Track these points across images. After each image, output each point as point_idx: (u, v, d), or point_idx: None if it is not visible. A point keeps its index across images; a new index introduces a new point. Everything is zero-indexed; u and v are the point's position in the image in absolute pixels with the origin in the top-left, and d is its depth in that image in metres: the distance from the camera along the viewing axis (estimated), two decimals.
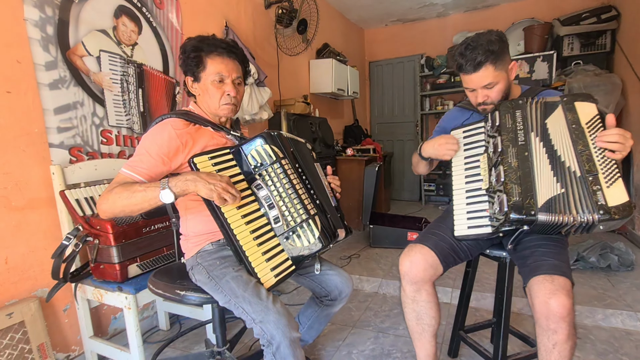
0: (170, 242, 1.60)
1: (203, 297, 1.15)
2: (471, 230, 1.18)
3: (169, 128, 1.13)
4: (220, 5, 2.49)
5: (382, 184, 3.88)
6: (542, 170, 1.06)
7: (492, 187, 1.12)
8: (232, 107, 1.23)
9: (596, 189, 1.00)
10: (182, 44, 1.21)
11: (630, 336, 1.78)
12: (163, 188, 0.99)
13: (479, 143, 1.23)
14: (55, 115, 1.54)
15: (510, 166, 1.08)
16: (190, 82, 1.23)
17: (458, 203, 1.23)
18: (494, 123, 1.16)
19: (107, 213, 1.06)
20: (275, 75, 3.03)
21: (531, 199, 1.03)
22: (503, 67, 1.19)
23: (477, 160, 1.21)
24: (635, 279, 2.24)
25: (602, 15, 3.39)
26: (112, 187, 1.05)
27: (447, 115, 1.49)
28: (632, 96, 3.03)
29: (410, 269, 1.22)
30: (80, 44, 1.64)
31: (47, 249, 1.52)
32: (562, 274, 1.04)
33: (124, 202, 1.02)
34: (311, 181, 1.21)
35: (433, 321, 1.26)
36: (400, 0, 4.05)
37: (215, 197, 0.99)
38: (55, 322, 1.57)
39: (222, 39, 1.22)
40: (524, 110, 1.14)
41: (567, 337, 1.01)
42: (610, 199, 0.99)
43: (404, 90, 4.96)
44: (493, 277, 2.23)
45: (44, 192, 1.51)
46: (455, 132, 1.31)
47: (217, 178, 1.01)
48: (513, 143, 1.10)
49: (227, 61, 1.19)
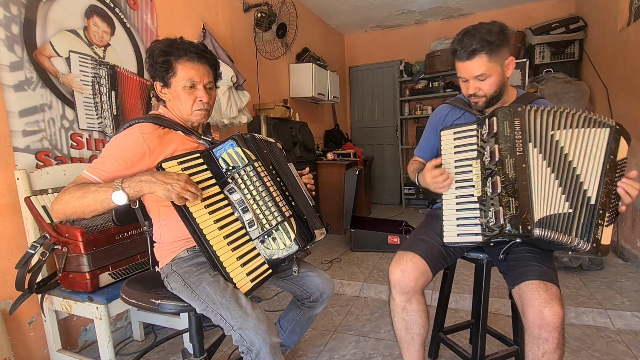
0: (144, 249, 1.55)
1: (179, 305, 1.11)
2: (461, 237, 1.14)
3: (136, 132, 1.09)
4: (197, 8, 2.45)
5: (362, 188, 3.90)
6: (542, 183, 1.03)
7: (487, 196, 1.08)
8: (205, 112, 1.20)
9: (599, 222, 1.02)
10: (149, 47, 1.17)
11: (600, 333, 1.84)
12: (115, 189, 0.96)
13: (471, 147, 1.16)
14: (20, 118, 1.47)
15: (508, 177, 1.04)
16: (160, 88, 1.19)
17: (448, 209, 1.18)
18: (491, 129, 1.09)
19: (59, 214, 1.01)
20: (255, 79, 3.00)
21: (528, 214, 1.01)
22: (498, 60, 1.15)
23: (469, 165, 1.15)
24: (605, 277, 2.33)
25: (571, 25, 3.55)
26: (68, 188, 1.01)
27: (436, 112, 1.44)
28: (599, 103, 3.17)
29: (402, 278, 1.17)
30: (48, 44, 1.57)
31: (10, 258, 1.44)
32: (553, 282, 1.04)
33: (75, 203, 0.98)
34: (286, 183, 1.19)
35: (422, 330, 1.23)
36: (379, 7, 4.12)
37: (174, 197, 0.96)
38: (20, 335, 1.48)
39: (192, 42, 1.18)
40: (522, 118, 1.07)
41: (557, 346, 1.01)
42: (604, 237, 1.03)
43: (384, 96, 5.03)
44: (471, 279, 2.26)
45: (8, 198, 1.43)
46: (445, 132, 1.23)
47: (174, 177, 0.98)
48: (511, 153, 1.05)
49: (197, 66, 1.15)
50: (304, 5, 3.88)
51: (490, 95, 1.20)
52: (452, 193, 1.17)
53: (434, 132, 1.39)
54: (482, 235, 1.09)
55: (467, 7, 4.22)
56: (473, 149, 1.15)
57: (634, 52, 2.51)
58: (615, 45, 2.84)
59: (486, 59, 1.14)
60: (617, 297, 2.07)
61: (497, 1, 4.09)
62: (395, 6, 4.11)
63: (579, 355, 1.66)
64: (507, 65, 1.19)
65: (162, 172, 1.00)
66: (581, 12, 3.67)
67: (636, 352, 1.67)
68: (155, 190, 0.96)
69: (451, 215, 1.17)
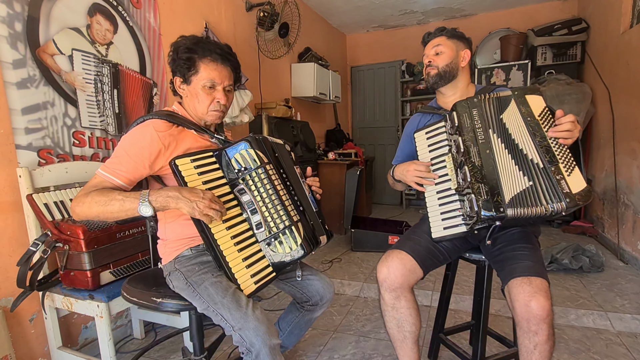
0: (145, 247, 1.55)
1: (181, 304, 1.11)
2: (447, 230, 1.19)
3: (150, 129, 1.08)
4: (200, 6, 2.46)
5: (363, 188, 3.90)
6: (505, 165, 1.08)
7: (461, 187, 1.13)
8: (220, 114, 1.20)
9: (559, 178, 1.04)
10: (175, 41, 1.17)
11: (600, 335, 1.84)
12: (142, 201, 0.97)
13: (442, 143, 1.24)
14: (23, 116, 1.47)
15: (475, 165, 1.09)
16: (179, 83, 1.19)
17: (431, 205, 1.24)
18: (453, 123, 1.17)
19: (80, 217, 1.02)
20: (257, 78, 3.01)
21: (498, 196, 1.05)
22: (455, 44, 1.33)
23: (443, 160, 1.22)
24: (605, 280, 2.33)
25: (573, 27, 3.54)
26: (89, 191, 1.01)
27: (410, 121, 1.51)
28: (601, 105, 3.17)
29: (388, 275, 1.21)
30: (51, 42, 1.57)
31: (12, 255, 1.44)
32: (538, 275, 1.06)
33: (100, 209, 0.99)
34: (295, 187, 1.19)
35: (414, 327, 1.26)
36: (382, 7, 4.12)
37: (197, 214, 0.97)
38: (21, 332, 1.49)
39: (218, 43, 1.18)
40: (479, 108, 1.15)
41: (547, 337, 1.03)
42: (573, 186, 1.03)
43: (385, 96, 5.02)
44: (472, 280, 2.27)
45: (10, 196, 1.43)
46: (418, 134, 1.32)
47: (199, 195, 0.98)
48: (474, 142, 1.11)
49: (220, 68, 1.16)
50: (306, 5, 3.88)
51: (442, 68, 1.32)
52: (433, 189, 1.24)
53: (409, 139, 1.44)
54: (464, 224, 1.15)
55: (470, 7, 4.22)
56: (444, 145, 1.23)
57: (636, 54, 2.51)
58: (617, 48, 2.84)
59: (445, 38, 1.34)
60: (618, 299, 2.06)
61: (499, 2, 4.08)
62: (397, 6, 4.11)
63: (578, 357, 1.66)
64: (462, 56, 1.34)
65: (189, 189, 1.00)
66: (584, 14, 3.66)
67: (636, 355, 1.67)
68: (180, 206, 0.98)
69: (435, 210, 1.23)
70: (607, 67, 3.06)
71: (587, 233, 3.26)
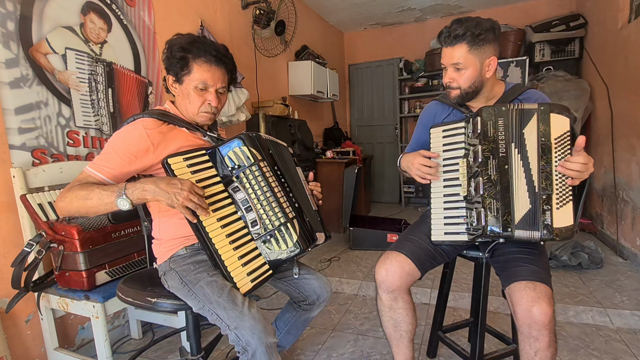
0: (141, 247, 1.54)
1: (176, 303, 1.11)
2: (448, 236, 1.17)
3: (139, 127, 1.08)
4: (195, 4, 2.44)
5: (362, 187, 3.89)
6: (520, 184, 1.04)
7: (471, 196, 1.10)
8: (211, 115, 1.19)
9: (546, 208, 1.01)
10: (170, 39, 1.15)
11: (600, 331, 1.83)
12: (119, 195, 0.95)
13: (459, 145, 1.18)
14: (16, 116, 1.45)
15: (490, 179, 1.05)
16: (171, 81, 1.17)
17: (436, 207, 1.20)
18: (475, 128, 1.10)
19: (63, 211, 1.01)
20: (253, 76, 2.99)
21: (509, 216, 1.02)
22: (478, 56, 1.14)
23: (457, 163, 1.17)
24: (605, 276, 2.32)
25: (571, 23, 3.53)
26: (72, 185, 1.01)
27: (426, 109, 1.43)
28: (599, 101, 3.16)
29: (387, 277, 1.20)
30: (44, 41, 1.56)
31: (6, 256, 1.43)
32: (542, 281, 1.04)
33: (79, 203, 0.98)
34: (290, 184, 1.18)
35: (410, 327, 1.26)
36: (379, 4, 4.10)
37: (177, 206, 0.96)
38: (17, 334, 1.48)
39: (214, 43, 1.16)
40: (506, 118, 1.07)
41: (548, 344, 1.01)
42: (557, 220, 1.01)
43: (384, 93, 5.01)
44: (470, 277, 2.26)
45: (4, 196, 1.42)
46: (434, 129, 1.25)
47: (177, 186, 0.96)
48: (494, 154, 1.06)
49: (214, 69, 1.14)
50: (303, 3, 3.86)
51: (464, 90, 1.19)
52: (440, 191, 1.20)
53: (425, 129, 1.36)
54: (467, 234, 1.12)
55: (467, 4, 4.20)
56: (461, 147, 1.17)
57: (634, 49, 2.50)
58: (615, 43, 2.83)
59: (466, 49, 1.13)
60: (617, 295, 2.06)
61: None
62: (395, 4, 4.09)
63: (577, 354, 1.65)
64: (488, 65, 1.17)
65: (167, 180, 0.98)
66: (582, 9, 3.65)
67: (635, 351, 1.66)
68: (158, 199, 0.96)
69: (439, 213, 1.20)
70: (605, 63, 3.05)
71: (587, 229, 3.25)
